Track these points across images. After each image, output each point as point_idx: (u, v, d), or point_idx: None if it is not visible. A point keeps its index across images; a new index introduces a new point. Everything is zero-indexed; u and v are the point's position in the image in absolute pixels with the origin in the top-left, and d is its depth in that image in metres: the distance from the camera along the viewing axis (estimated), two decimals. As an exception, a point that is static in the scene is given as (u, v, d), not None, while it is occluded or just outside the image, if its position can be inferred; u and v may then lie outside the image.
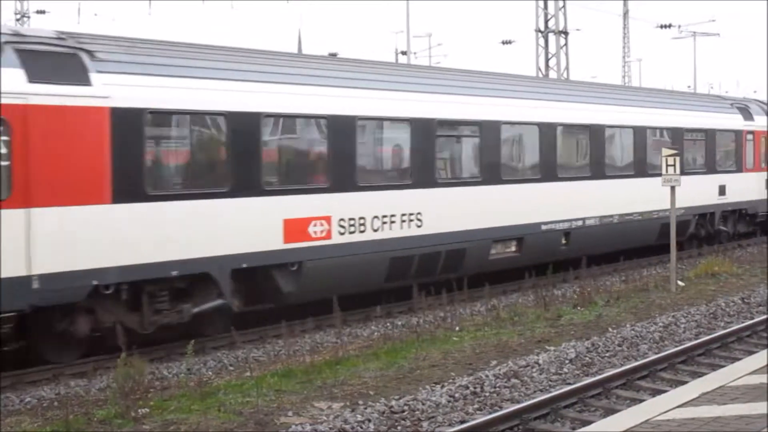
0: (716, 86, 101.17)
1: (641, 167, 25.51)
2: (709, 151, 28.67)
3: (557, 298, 19.88)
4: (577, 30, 50.15)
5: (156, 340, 15.15)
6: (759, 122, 31.33)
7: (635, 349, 15.06)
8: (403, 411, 11.45)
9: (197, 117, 15.13)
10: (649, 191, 24.84)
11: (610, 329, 16.52)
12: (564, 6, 40.20)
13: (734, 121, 30.08)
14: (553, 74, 39.78)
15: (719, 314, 18.08)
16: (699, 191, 27.67)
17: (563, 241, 22.57)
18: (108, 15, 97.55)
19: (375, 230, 17.55)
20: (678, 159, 21.13)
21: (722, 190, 28.91)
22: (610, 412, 11.27)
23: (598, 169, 23.88)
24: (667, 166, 20.95)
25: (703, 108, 29.42)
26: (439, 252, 19.01)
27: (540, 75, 39.63)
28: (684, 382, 12.17)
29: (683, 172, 24.21)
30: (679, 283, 21.47)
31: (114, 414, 11.55)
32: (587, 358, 14.31)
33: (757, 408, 8.94)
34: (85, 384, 13.32)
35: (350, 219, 17.10)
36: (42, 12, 53.26)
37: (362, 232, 17.31)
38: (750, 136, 30.58)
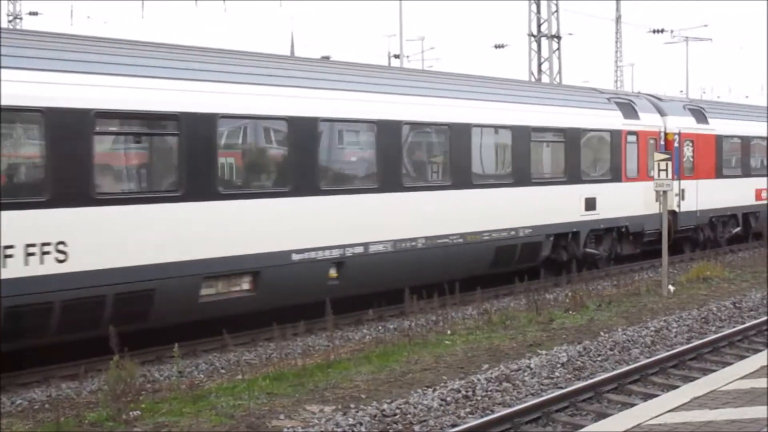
0: (708, 91, 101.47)
1: (464, 177, 20.01)
2: (571, 156, 23.33)
3: (549, 302, 19.90)
4: (570, 34, 50.40)
5: (148, 342, 15.13)
6: (646, 121, 26.41)
7: (627, 354, 15.07)
8: (395, 414, 11.45)
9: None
10: (477, 207, 20.16)
11: (601, 333, 16.53)
12: (557, 10, 40.27)
13: (610, 119, 24.95)
14: (545, 79, 39.83)
15: (711, 319, 18.12)
16: (555, 205, 22.54)
17: (332, 275, 17.24)
18: (100, 17, 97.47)
19: None
20: (669, 164, 20.94)
21: (591, 204, 23.72)
22: (601, 416, 11.28)
23: (393, 179, 18.34)
24: (659, 171, 20.91)
25: (564, 102, 23.96)
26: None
27: (533, 79, 39.71)
28: (675, 387, 12.18)
29: (528, 182, 21.62)
30: (670, 287, 21.49)
31: (105, 416, 11.54)
32: (579, 362, 14.32)
33: (749, 413, 8.96)
34: (77, 386, 13.28)
35: None
36: (35, 14, 53.20)
37: None
38: (632, 138, 25.58)
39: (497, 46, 64.42)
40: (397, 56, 57.68)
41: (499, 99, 21.66)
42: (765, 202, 31.90)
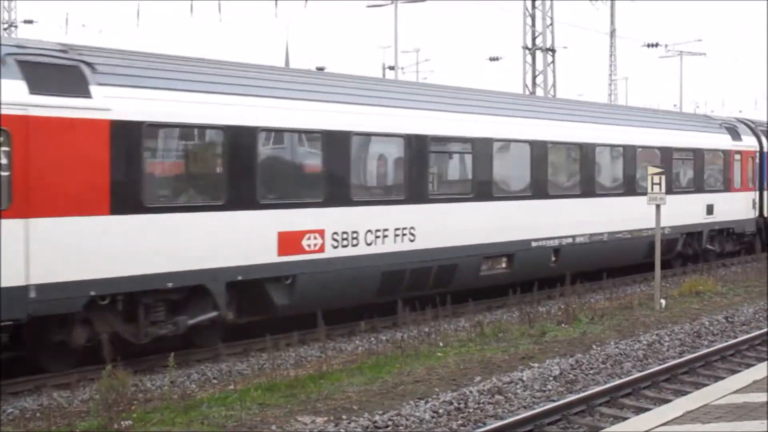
0: (702, 105, 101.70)
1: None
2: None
3: (542, 314, 19.90)
4: (565, 48, 50.53)
5: (140, 352, 15.11)
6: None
7: (619, 367, 15.08)
8: (387, 426, 11.44)
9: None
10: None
11: (594, 347, 16.54)
12: (551, 23, 40.38)
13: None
14: (540, 92, 39.91)
15: (703, 333, 18.13)
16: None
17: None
18: (95, 26, 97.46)
19: None
20: (664, 178, 21.13)
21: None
22: (593, 429, 11.29)
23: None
24: (652, 184, 20.98)
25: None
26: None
27: (527, 92, 39.75)
28: (668, 401, 12.18)
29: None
30: (662, 301, 21.51)
31: (97, 426, 11.51)
32: (571, 375, 14.32)
33: (741, 427, 8.96)
34: (68, 395, 13.25)
35: None
36: (30, 22, 53.18)
37: None
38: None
39: (492, 59, 64.58)
40: (391, 68, 57.76)
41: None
42: None
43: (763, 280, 25.65)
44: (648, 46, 66.83)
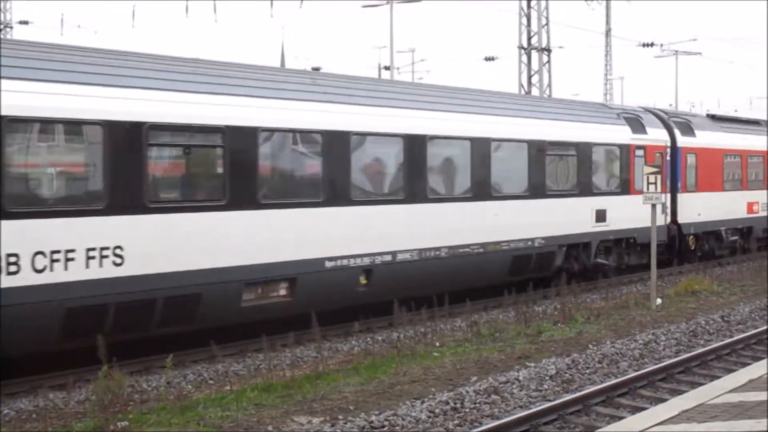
0: (698, 105, 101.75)
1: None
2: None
3: (538, 314, 19.91)
4: (560, 47, 50.43)
5: (136, 353, 15.10)
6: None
7: (615, 366, 15.09)
8: (383, 426, 11.44)
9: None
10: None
11: (590, 346, 16.55)
12: (547, 23, 40.39)
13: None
14: (535, 91, 39.93)
15: (699, 332, 18.15)
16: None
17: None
18: (91, 27, 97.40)
19: None
20: (659, 177, 21.07)
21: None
22: (590, 429, 11.30)
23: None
24: (648, 184, 20.98)
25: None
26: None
27: (522, 92, 39.78)
28: (664, 400, 12.19)
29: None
30: (658, 301, 21.52)
31: (93, 427, 11.50)
32: (567, 375, 14.33)
33: (737, 426, 8.97)
34: (64, 396, 13.23)
35: None
36: (25, 23, 53.11)
37: None
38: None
39: (487, 59, 64.46)
40: (387, 68, 57.74)
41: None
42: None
43: (758, 279, 25.69)
44: (643, 45, 66.83)
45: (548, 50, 40.47)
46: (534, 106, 24.25)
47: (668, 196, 27.52)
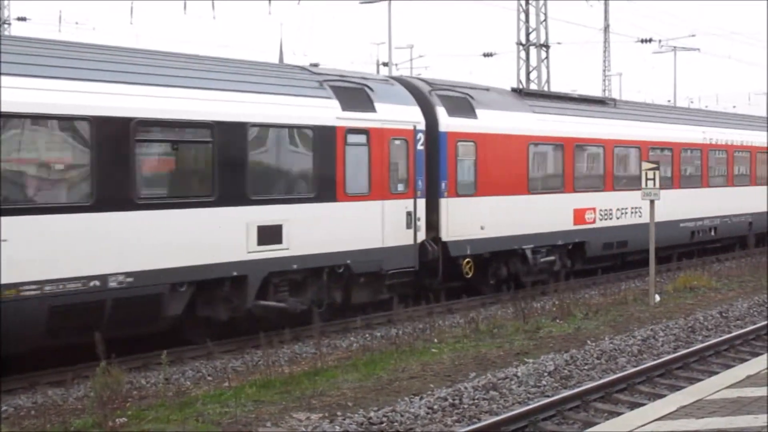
0: (696, 100, 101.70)
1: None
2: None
3: (536, 310, 19.91)
4: (559, 43, 50.40)
5: (135, 348, 15.10)
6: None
7: (614, 362, 15.09)
8: (382, 422, 11.44)
9: None
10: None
11: (588, 342, 16.55)
12: (545, 19, 40.35)
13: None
14: (533, 87, 39.92)
15: (697, 328, 18.15)
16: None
17: None
18: (89, 24, 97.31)
19: None
20: (658, 173, 20.93)
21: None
22: (588, 425, 11.29)
23: None
24: (646, 180, 20.92)
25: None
26: None
27: (521, 86, 39.79)
28: (662, 396, 12.21)
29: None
30: (657, 297, 21.54)
31: (91, 423, 11.50)
32: (566, 371, 14.33)
33: (735, 422, 8.98)
34: (63, 393, 13.25)
35: None
36: (23, 19, 53.06)
37: None
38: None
39: (486, 55, 64.48)
40: (385, 64, 57.71)
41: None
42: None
43: (757, 275, 25.71)
44: (642, 41, 66.79)
45: (547, 46, 40.43)
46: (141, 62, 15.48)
47: (421, 202, 19.44)
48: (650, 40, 66.15)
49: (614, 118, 26.11)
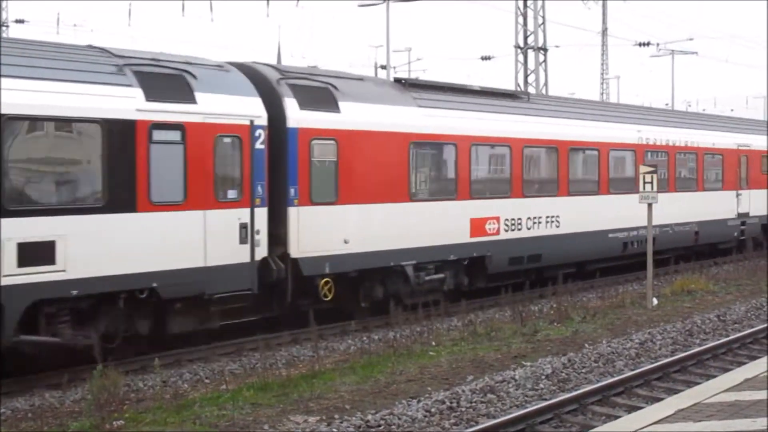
0: (694, 104, 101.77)
1: None
2: None
3: (534, 313, 19.91)
4: (557, 46, 50.41)
5: (131, 351, 15.08)
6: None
7: (611, 366, 15.09)
8: (380, 425, 11.43)
9: None
10: None
11: (586, 345, 16.55)
12: (543, 23, 40.38)
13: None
14: (532, 90, 39.92)
15: (695, 331, 18.15)
16: None
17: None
18: (87, 25, 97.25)
19: None
20: (655, 176, 20.90)
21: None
22: (586, 428, 11.29)
23: None
24: (644, 183, 20.92)
25: None
26: None
27: (518, 89, 39.82)
28: (660, 399, 12.20)
29: None
30: (654, 300, 21.53)
31: (89, 426, 11.50)
32: (563, 374, 14.33)
33: (733, 425, 8.97)
34: (60, 395, 13.23)
35: None
36: (21, 21, 53.05)
37: None
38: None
39: (484, 58, 64.49)
40: (384, 67, 57.73)
41: None
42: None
43: (755, 279, 25.71)
44: (640, 45, 66.84)
45: (544, 49, 40.46)
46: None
47: (261, 211, 16.34)
48: (648, 44, 66.25)
49: (526, 114, 22.99)
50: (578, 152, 24.42)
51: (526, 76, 40.39)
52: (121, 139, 14.34)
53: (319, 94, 18.00)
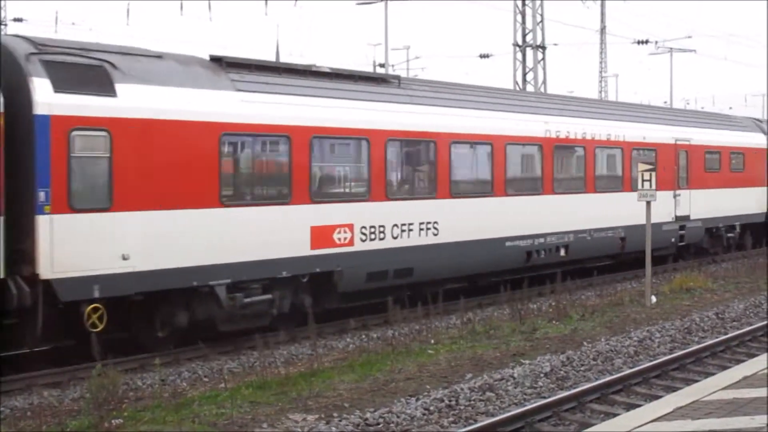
0: (692, 102, 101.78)
1: None
2: None
3: (533, 311, 19.91)
4: (555, 45, 50.39)
5: (130, 350, 15.08)
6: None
7: (610, 364, 15.09)
8: (378, 424, 11.44)
9: None
10: None
11: (585, 343, 16.55)
12: (542, 21, 40.37)
13: None
14: (530, 89, 39.92)
15: (694, 329, 18.16)
16: None
17: None
18: (86, 24, 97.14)
19: None
20: (654, 174, 20.90)
21: None
22: (584, 426, 11.29)
23: None
24: (643, 181, 20.93)
25: None
26: None
27: (517, 88, 39.81)
28: (658, 397, 12.20)
29: None
30: (653, 298, 21.54)
31: (88, 424, 11.49)
32: (562, 372, 14.33)
33: (731, 423, 8.97)
34: (59, 394, 13.23)
35: None
36: (19, 20, 53.02)
37: None
38: None
39: (482, 56, 64.46)
40: (382, 65, 57.71)
41: None
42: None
43: (753, 276, 25.73)
44: (638, 43, 66.84)
45: (543, 47, 40.46)
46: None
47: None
48: (647, 42, 66.23)
49: (394, 102, 19.43)
50: (464, 147, 21.09)
51: (524, 75, 40.39)
52: None
53: (87, 73, 14.48)
